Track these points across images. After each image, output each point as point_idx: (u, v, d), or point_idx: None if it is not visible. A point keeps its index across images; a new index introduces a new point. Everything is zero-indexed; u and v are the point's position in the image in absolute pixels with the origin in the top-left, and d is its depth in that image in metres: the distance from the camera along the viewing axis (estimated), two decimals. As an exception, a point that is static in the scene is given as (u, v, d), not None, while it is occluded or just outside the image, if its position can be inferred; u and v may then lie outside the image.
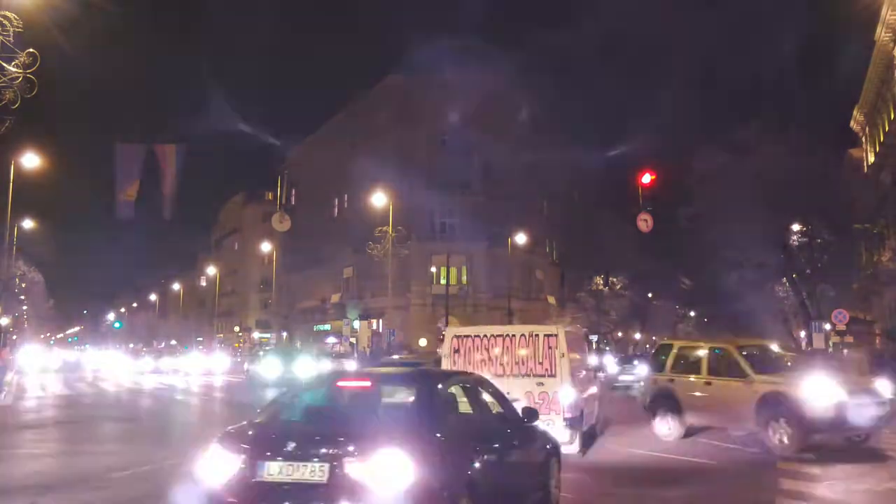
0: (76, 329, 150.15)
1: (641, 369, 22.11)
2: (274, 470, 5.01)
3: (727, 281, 35.32)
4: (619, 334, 64.74)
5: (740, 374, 11.48)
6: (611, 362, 32.81)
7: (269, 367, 30.34)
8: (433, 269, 49.15)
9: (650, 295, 65.67)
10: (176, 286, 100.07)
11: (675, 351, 13.36)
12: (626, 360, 31.58)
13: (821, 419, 10.20)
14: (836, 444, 10.85)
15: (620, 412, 15.62)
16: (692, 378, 12.51)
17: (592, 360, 18.66)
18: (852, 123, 46.43)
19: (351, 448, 4.91)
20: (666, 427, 12.49)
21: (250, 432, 5.45)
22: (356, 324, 48.87)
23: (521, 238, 45.52)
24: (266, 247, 61.91)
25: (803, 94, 72.63)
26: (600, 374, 19.86)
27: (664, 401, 12.62)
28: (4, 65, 13.01)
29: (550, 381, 10.22)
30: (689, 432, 12.41)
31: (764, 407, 10.81)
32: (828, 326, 28.82)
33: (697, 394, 12.26)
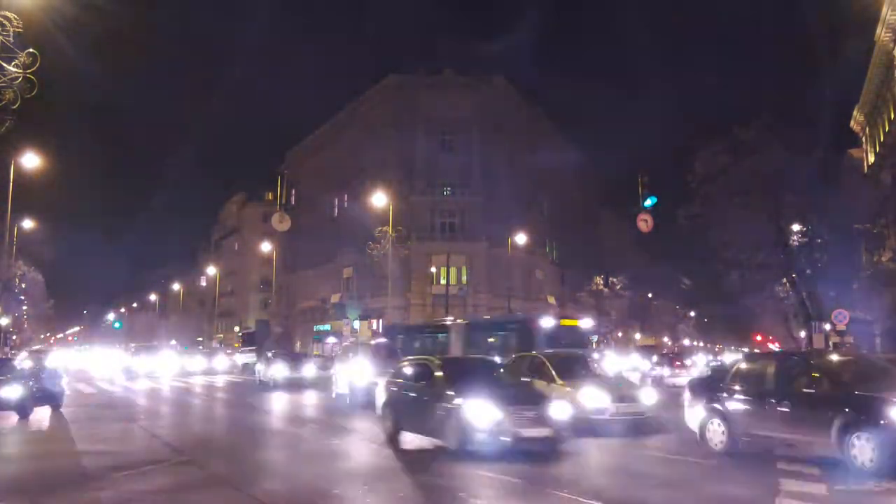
0: (76, 329, 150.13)
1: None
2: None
3: (727, 281, 35.28)
4: (620, 334, 64.75)
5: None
6: None
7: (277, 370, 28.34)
8: (433, 269, 49.09)
9: (650, 295, 65.75)
10: (176, 286, 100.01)
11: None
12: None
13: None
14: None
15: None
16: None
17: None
18: (852, 123, 46.43)
19: None
20: None
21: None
22: (356, 324, 48.83)
23: (521, 238, 45.43)
24: (266, 247, 61.87)
25: (803, 94, 72.69)
26: None
27: None
28: (4, 65, 12.98)
29: None
30: None
31: None
32: (828, 326, 28.76)
33: None
